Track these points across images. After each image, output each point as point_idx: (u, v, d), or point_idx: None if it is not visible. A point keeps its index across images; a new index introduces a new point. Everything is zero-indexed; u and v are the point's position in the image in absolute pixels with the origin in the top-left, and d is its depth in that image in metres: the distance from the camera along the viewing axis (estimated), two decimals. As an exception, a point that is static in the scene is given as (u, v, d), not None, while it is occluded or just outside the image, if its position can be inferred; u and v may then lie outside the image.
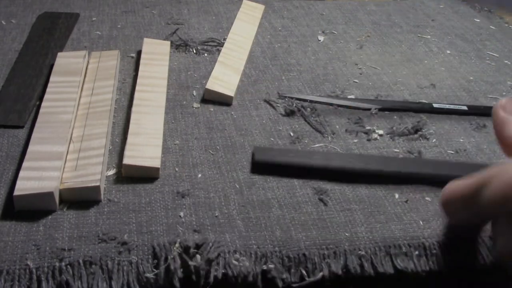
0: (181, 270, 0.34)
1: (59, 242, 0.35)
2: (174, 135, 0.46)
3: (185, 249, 0.35)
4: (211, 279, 0.34)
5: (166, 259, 0.34)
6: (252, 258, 0.35)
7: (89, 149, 0.42)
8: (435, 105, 0.52)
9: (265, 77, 0.56)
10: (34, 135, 0.42)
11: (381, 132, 0.48)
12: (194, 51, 0.59)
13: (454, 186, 0.33)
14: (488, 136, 0.49)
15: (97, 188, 0.38)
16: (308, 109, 0.50)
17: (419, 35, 0.67)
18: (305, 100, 0.52)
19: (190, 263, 0.34)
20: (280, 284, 0.35)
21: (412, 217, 0.39)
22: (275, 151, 0.44)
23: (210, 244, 0.35)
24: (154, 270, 0.34)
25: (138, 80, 0.50)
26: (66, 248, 0.35)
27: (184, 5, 0.70)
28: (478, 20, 0.72)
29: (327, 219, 0.39)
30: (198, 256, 0.34)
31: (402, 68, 0.59)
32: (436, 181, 0.41)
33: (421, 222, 0.39)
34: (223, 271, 0.34)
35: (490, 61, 0.62)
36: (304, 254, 0.36)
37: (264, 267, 0.35)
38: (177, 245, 0.35)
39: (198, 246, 0.35)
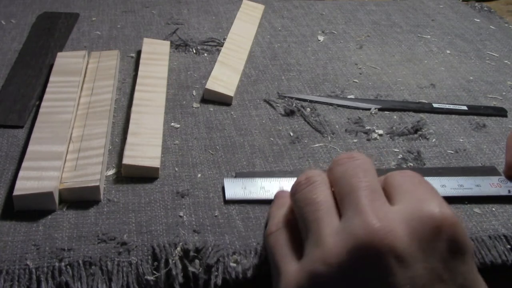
0: (182, 274, 0.34)
1: (59, 242, 0.35)
2: (173, 135, 0.46)
3: (185, 252, 0.35)
4: (211, 286, 0.34)
5: (166, 261, 0.34)
6: (252, 254, 0.35)
7: (89, 149, 0.42)
8: (435, 105, 0.52)
9: (265, 77, 0.56)
10: (33, 135, 0.42)
11: (380, 132, 0.48)
12: (194, 51, 0.59)
13: None
14: (488, 136, 0.49)
15: (96, 188, 0.38)
16: (308, 109, 0.50)
17: (419, 35, 0.67)
18: (304, 100, 0.52)
19: (190, 269, 0.34)
20: None
21: (411, 217, 0.39)
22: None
23: (210, 248, 0.35)
24: (155, 272, 0.34)
25: (138, 80, 0.50)
26: (66, 248, 0.35)
27: (184, 5, 0.70)
28: (478, 20, 0.72)
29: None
30: (197, 261, 0.34)
31: (402, 68, 0.59)
32: None
33: (420, 222, 0.39)
34: (223, 276, 0.34)
35: (490, 61, 0.62)
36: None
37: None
38: (178, 249, 0.35)
39: (197, 250, 0.35)
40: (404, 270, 0.26)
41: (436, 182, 0.41)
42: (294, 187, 0.33)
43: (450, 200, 0.41)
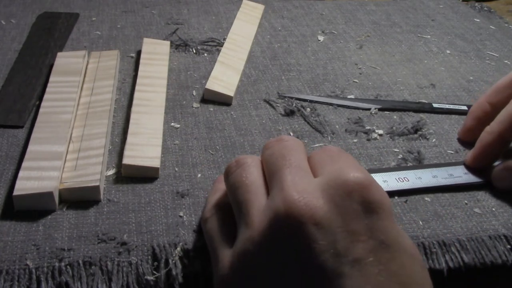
0: (182, 274, 0.34)
1: (59, 242, 0.35)
2: (173, 135, 0.46)
3: (185, 252, 0.35)
4: (211, 286, 0.34)
5: (166, 261, 0.34)
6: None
7: (89, 149, 0.42)
8: (435, 105, 0.52)
9: (265, 77, 0.56)
10: (33, 135, 0.42)
11: (381, 132, 0.48)
12: (194, 51, 0.59)
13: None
14: (488, 136, 0.49)
15: (96, 188, 0.38)
16: (308, 109, 0.50)
17: (419, 35, 0.67)
18: (305, 100, 0.52)
19: (190, 268, 0.34)
20: None
21: (411, 217, 0.39)
22: None
23: None
24: (155, 272, 0.34)
25: (138, 80, 0.50)
26: (66, 248, 0.35)
27: (184, 5, 0.70)
28: (478, 20, 0.72)
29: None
30: (197, 261, 0.34)
31: (402, 68, 0.59)
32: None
33: (420, 222, 0.39)
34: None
35: (490, 61, 0.62)
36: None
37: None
38: (178, 249, 0.35)
39: (197, 250, 0.35)
40: (325, 236, 0.27)
41: (427, 174, 0.42)
42: (226, 171, 0.34)
43: (443, 189, 0.42)
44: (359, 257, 0.27)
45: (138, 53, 0.57)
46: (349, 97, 0.53)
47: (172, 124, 0.47)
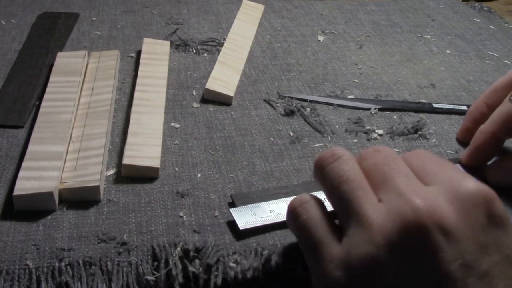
0: (182, 274, 0.34)
1: (59, 242, 0.35)
2: (173, 135, 0.46)
3: (185, 252, 0.35)
4: (211, 286, 0.34)
5: (166, 261, 0.34)
6: (252, 255, 0.35)
7: (89, 149, 0.42)
8: (435, 105, 0.52)
9: (265, 77, 0.56)
10: (33, 135, 0.42)
11: (380, 132, 0.48)
12: (194, 51, 0.59)
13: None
14: (488, 136, 0.49)
15: (96, 188, 0.38)
16: (308, 109, 0.50)
17: (419, 35, 0.67)
18: (304, 100, 0.52)
19: (190, 269, 0.34)
20: (282, 277, 0.35)
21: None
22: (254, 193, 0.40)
23: (210, 248, 0.35)
24: (155, 272, 0.34)
25: (138, 80, 0.50)
26: (66, 248, 0.35)
27: (184, 5, 0.70)
28: (478, 20, 0.72)
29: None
30: (197, 261, 0.34)
31: (402, 68, 0.59)
32: None
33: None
34: (223, 276, 0.34)
35: (490, 61, 0.62)
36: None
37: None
38: (178, 249, 0.35)
39: (197, 250, 0.35)
40: (454, 246, 0.27)
41: None
42: (319, 162, 0.33)
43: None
44: (487, 270, 0.27)
45: (138, 53, 0.57)
46: (349, 97, 0.53)
47: (172, 124, 0.47)
